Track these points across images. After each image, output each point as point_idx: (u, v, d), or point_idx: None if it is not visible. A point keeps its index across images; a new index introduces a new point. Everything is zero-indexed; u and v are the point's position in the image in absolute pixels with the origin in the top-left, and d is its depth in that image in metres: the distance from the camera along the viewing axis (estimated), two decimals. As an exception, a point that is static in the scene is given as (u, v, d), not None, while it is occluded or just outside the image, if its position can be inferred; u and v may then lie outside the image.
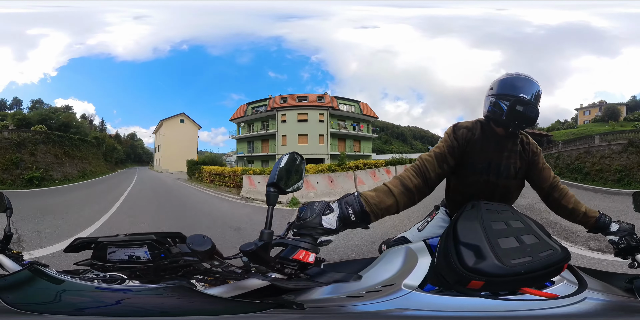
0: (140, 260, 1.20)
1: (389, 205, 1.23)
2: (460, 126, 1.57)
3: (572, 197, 1.63)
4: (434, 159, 1.45)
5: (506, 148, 1.57)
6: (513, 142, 1.58)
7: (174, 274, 1.21)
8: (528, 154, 1.62)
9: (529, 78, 1.52)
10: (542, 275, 0.99)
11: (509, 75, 1.55)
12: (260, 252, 1.01)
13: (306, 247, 1.04)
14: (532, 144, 1.65)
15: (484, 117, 1.61)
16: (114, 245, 1.23)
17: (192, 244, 1.09)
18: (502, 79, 1.55)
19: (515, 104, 1.45)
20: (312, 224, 1.07)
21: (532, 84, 1.50)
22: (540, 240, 1.08)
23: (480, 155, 1.55)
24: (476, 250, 0.99)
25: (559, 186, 1.64)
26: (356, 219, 1.14)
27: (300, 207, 1.14)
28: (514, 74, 1.56)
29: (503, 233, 1.07)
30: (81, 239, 1.31)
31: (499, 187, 1.59)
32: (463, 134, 1.54)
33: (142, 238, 1.22)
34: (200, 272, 1.21)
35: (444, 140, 1.55)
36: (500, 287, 0.98)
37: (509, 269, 0.94)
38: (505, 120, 1.49)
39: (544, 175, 1.64)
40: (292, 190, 1.17)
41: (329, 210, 1.12)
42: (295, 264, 1.04)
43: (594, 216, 1.60)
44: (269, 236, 1.03)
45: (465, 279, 0.95)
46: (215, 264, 1.13)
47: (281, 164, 1.14)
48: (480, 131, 1.57)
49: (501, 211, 1.22)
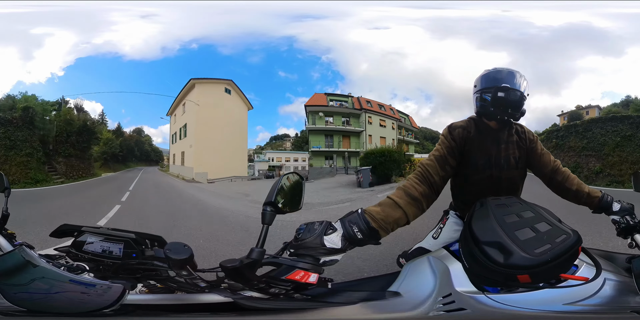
0: (111, 255, 1.22)
1: (398, 217, 1.20)
2: (456, 126, 1.60)
3: (574, 179, 1.66)
4: (436, 163, 1.46)
5: (503, 140, 1.60)
6: (509, 133, 1.62)
7: (132, 275, 1.20)
8: (525, 142, 1.65)
9: (506, 69, 1.59)
10: (566, 260, 1.02)
11: (487, 71, 1.64)
12: (244, 269, 0.99)
13: (305, 267, 1.02)
14: (527, 132, 1.68)
15: (476, 113, 1.65)
16: (94, 237, 1.25)
17: (169, 251, 1.12)
18: (483, 75, 1.63)
19: (496, 91, 1.52)
20: (313, 244, 1.06)
21: (511, 73, 1.56)
22: (552, 226, 1.10)
23: (480, 152, 1.57)
24: (500, 247, 1.01)
25: (561, 169, 1.67)
26: (364, 236, 1.11)
27: (298, 227, 1.13)
28: (492, 69, 1.63)
29: (518, 225, 1.09)
30: (67, 226, 1.33)
31: (503, 180, 1.61)
32: (459, 133, 1.57)
33: (122, 235, 1.25)
34: (159, 278, 1.20)
35: (442, 142, 1.57)
36: (544, 277, 1.00)
37: (536, 259, 0.97)
38: (493, 111, 1.54)
39: (544, 160, 1.66)
40: (290, 211, 1.16)
41: (332, 229, 1.11)
42: (289, 284, 1.02)
43: (597, 196, 1.62)
44: (259, 255, 1.02)
45: (511, 276, 0.98)
46: (183, 273, 1.12)
47: (280, 183, 1.14)
48: (475, 128, 1.60)
49: (510, 204, 1.24)
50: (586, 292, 1.02)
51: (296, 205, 1.21)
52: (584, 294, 1.02)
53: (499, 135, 1.61)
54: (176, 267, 1.09)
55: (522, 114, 1.59)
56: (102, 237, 1.25)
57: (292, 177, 1.24)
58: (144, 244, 1.26)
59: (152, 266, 1.17)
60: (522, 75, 1.57)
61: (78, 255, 1.23)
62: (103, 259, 1.21)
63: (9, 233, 1.36)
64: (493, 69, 1.63)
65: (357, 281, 1.47)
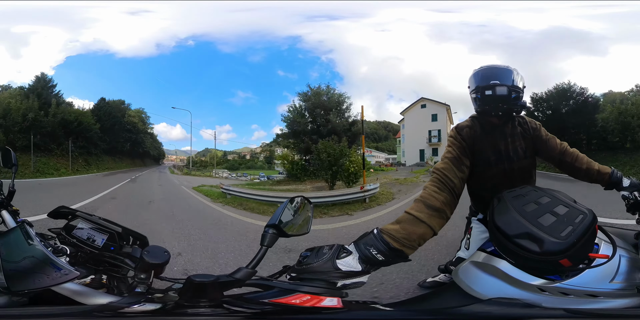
0: (92, 244, 1.25)
1: (422, 233, 1.15)
2: (462, 126, 1.65)
3: (583, 158, 1.69)
4: (452, 165, 1.45)
5: (508, 133, 1.64)
6: (512, 125, 1.65)
7: (96, 266, 1.21)
8: (529, 132, 1.67)
9: (492, 66, 1.60)
10: (588, 239, 1.05)
11: (475, 70, 1.65)
12: (211, 287, 0.96)
13: (313, 291, 0.99)
14: (529, 121, 1.71)
15: (476, 112, 1.67)
16: (84, 223, 1.29)
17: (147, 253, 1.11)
18: (472, 75, 1.65)
19: (482, 91, 1.54)
20: (323, 269, 1.02)
21: (498, 69, 1.58)
22: (569, 207, 1.13)
23: (489, 148, 1.61)
24: (530, 237, 1.04)
25: (569, 150, 1.70)
26: (386, 258, 1.07)
27: (302, 252, 1.10)
28: (479, 68, 1.65)
29: (538, 212, 1.12)
30: (64, 208, 1.40)
31: (515, 171, 1.64)
32: (467, 133, 1.61)
33: (110, 227, 1.29)
34: (114, 275, 1.20)
35: (452, 144, 1.58)
36: (579, 258, 1.04)
37: (565, 242, 1.00)
38: (488, 109, 1.57)
39: (550, 144, 1.69)
40: (295, 234, 1.14)
41: (345, 253, 1.07)
42: (269, 307, 0.97)
43: (607, 173, 1.65)
44: (245, 275, 0.98)
45: (555, 262, 1.01)
46: (142, 277, 1.10)
47: (287, 206, 1.13)
48: (479, 126, 1.64)
49: (525, 193, 1.26)
50: (612, 270, 1.07)
51: (302, 228, 1.18)
52: (611, 271, 1.07)
53: (503, 130, 1.65)
54: (141, 269, 1.08)
55: (522, 106, 1.60)
56: (92, 224, 1.29)
57: (298, 200, 1.22)
58: (127, 240, 1.29)
59: (119, 263, 1.18)
60: (510, 68, 1.58)
61: (66, 239, 1.28)
62: (84, 246, 1.24)
63: (14, 209, 1.42)
64: (480, 68, 1.65)
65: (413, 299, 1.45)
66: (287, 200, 1.17)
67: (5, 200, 1.41)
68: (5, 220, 1.33)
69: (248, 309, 0.98)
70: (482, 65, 1.66)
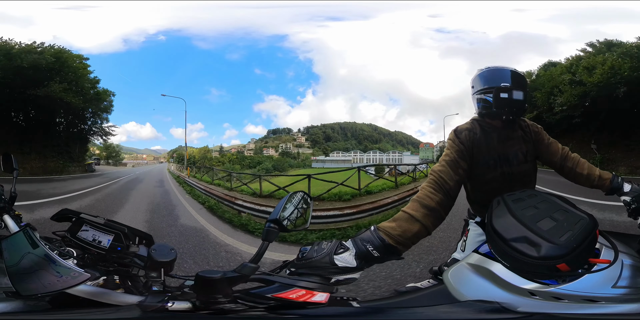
0: (98, 246, 1.24)
1: (417, 231, 1.18)
2: (461, 129, 1.61)
3: (585, 163, 1.67)
4: (448, 168, 1.44)
5: (508, 137, 1.61)
6: (513, 129, 1.63)
7: (106, 267, 1.21)
8: (531, 135, 1.66)
9: (500, 67, 1.58)
10: (589, 244, 1.04)
11: (481, 71, 1.62)
12: (220, 283, 0.97)
13: (308, 286, 1.00)
14: (530, 125, 1.69)
15: (478, 114, 1.65)
16: (89, 225, 1.28)
17: (154, 251, 1.13)
18: (478, 75, 1.62)
19: (498, 93, 1.52)
20: (321, 264, 1.04)
21: (506, 71, 1.56)
22: (569, 212, 1.13)
23: (488, 152, 1.58)
24: (528, 241, 1.03)
25: (570, 155, 1.68)
26: (381, 254, 1.09)
27: (302, 247, 1.11)
28: (484, 68, 1.62)
29: (537, 216, 1.11)
30: (67, 211, 1.38)
31: (515, 175, 1.61)
32: (466, 136, 1.57)
33: (115, 227, 1.28)
34: (126, 275, 1.20)
35: (450, 146, 1.55)
36: (578, 262, 1.03)
37: (564, 247, 0.99)
38: (496, 111, 1.55)
39: (552, 149, 1.67)
40: (295, 229, 1.16)
41: (343, 248, 1.08)
42: (272, 302, 0.98)
43: (608, 178, 1.63)
44: (249, 270, 0.99)
45: (552, 267, 1.00)
46: (152, 275, 1.10)
47: (287, 202, 1.14)
48: (480, 129, 1.61)
49: (525, 197, 1.25)
50: (614, 274, 1.04)
51: (302, 223, 1.20)
52: (614, 276, 1.04)
53: (504, 133, 1.62)
54: (151, 268, 1.09)
55: (525, 110, 1.59)
56: (96, 225, 1.28)
57: (299, 195, 1.23)
58: (132, 240, 1.28)
59: (129, 262, 1.18)
60: (520, 72, 1.57)
61: (71, 241, 1.27)
62: (90, 248, 1.23)
63: (16, 214, 1.41)
64: (485, 69, 1.63)
65: (387, 299, 1.37)
66: (288, 196, 1.19)
67: (7, 204, 1.39)
68: (8, 224, 1.32)
69: (259, 304, 0.99)
70: (489, 66, 1.63)
